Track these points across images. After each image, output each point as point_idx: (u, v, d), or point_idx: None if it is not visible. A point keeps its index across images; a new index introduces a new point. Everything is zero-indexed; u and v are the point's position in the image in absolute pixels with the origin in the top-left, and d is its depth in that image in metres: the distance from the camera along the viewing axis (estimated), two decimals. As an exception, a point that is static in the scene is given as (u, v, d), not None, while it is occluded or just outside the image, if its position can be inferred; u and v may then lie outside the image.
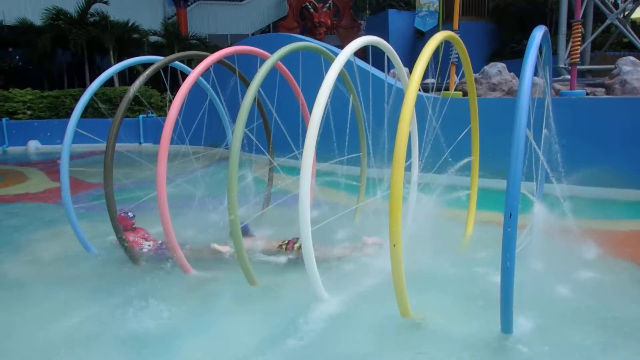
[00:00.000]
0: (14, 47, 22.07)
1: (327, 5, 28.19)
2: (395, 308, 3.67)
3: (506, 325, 3.38)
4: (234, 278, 4.61)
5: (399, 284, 3.52)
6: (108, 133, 4.86)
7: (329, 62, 4.83)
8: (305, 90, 5.99)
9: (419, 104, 3.46)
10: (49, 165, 13.69)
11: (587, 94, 9.42)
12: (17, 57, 22.27)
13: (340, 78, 4.90)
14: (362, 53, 5.41)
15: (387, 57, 4.81)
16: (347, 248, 5.21)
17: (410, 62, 4.94)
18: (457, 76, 10.08)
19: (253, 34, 29.19)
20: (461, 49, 4.75)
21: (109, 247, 5.77)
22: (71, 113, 5.46)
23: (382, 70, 6.59)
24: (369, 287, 4.39)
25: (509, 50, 19.82)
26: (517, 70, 4.87)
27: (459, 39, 4.54)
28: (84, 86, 21.84)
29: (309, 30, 27.50)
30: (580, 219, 5.26)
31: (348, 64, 4.27)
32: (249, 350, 3.62)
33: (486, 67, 10.43)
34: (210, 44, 24.95)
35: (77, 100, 17.38)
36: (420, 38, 21.90)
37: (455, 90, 9.87)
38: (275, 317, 4.06)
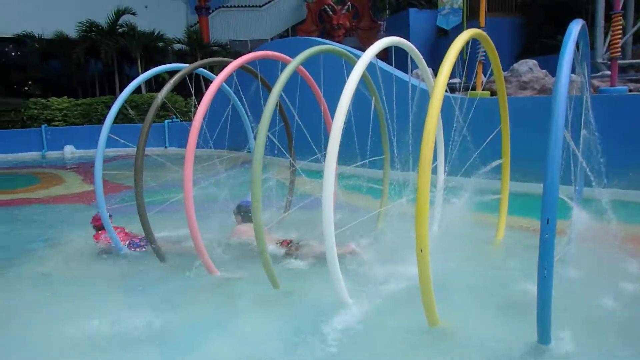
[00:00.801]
0: (51, 58, 22.21)
1: (346, 7, 27.34)
2: (421, 316, 3.37)
3: (543, 336, 3.04)
4: (258, 280, 4.42)
5: (427, 291, 3.23)
6: (137, 138, 4.88)
7: (350, 65, 4.57)
8: (327, 93, 5.73)
9: (445, 105, 3.16)
10: (83, 168, 13.80)
11: (630, 90, 8.59)
12: (54, 67, 22.41)
13: (362, 80, 4.62)
14: (383, 54, 5.11)
15: (411, 57, 4.50)
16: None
17: (432, 62, 4.63)
18: (485, 75, 9.52)
19: (272, 39, 28.98)
20: (489, 47, 4.35)
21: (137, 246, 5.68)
22: (103, 119, 5.47)
23: (404, 71, 6.26)
24: (394, 293, 4.09)
25: (539, 46, 18.24)
26: (549, 67, 4.48)
27: (487, 36, 4.17)
28: (114, 94, 21.94)
29: (328, 33, 26.83)
30: (624, 225, 4.69)
31: (370, 66, 3.97)
32: (271, 353, 3.45)
33: (516, 65, 9.76)
34: (231, 50, 24.86)
35: (108, 107, 17.60)
36: (443, 36, 20.66)
37: (483, 89, 9.26)
38: (298, 321, 3.85)
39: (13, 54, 22.13)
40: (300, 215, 5.99)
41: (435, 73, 4.68)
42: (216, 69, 5.77)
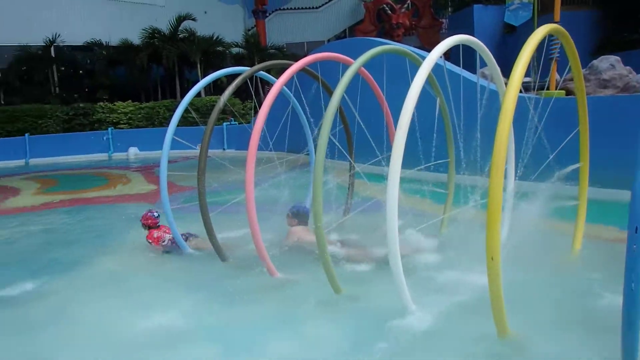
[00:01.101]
0: (117, 64, 23.19)
1: (406, 5, 26.89)
2: (490, 326, 3.20)
3: (629, 355, 2.82)
4: (318, 283, 4.38)
5: (497, 301, 3.07)
6: (197, 140, 4.95)
7: (414, 65, 4.45)
8: (388, 95, 5.63)
9: (518, 105, 2.99)
10: (146, 169, 14.32)
11: None
12: (120, 73, 23.39)
13: (426, 80, 4.49)
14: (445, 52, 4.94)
15: (480, 56, 4.32)
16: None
17: (498, 60, 4.44)
18: (561, 74, 8.96)
19: (329, 40, 29.02)
20: (567, 43, 4.04)
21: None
22: (165, 122, 5.64)
23: (467, 69, 6.03)
24: (461, 301, 3.94)
25: (620, 41, 17.17)
26: (632, 64, 4.17)
27: (565, 31, 3.91)
28: (174, 97, 22.63)
29: (387, 32, 26.47)
30: None
31: (434, 66, 3.83)
32: (330, 358, 3.41)
33: (595, 62, 9.04)
34: (287, 53, 25.08)
35: (169, 110, 18.18)
36: (511, 33, 19.94)
37: (557, 88, 8.69)
38: (359, 326, 3.79)
39: (83, 61, 23.23)
40: (360, 219, 5.90)
41: (504, 72, 4.50)
42: (272, 71, 5.82)
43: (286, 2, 30.53)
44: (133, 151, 18.69)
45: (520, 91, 3.10)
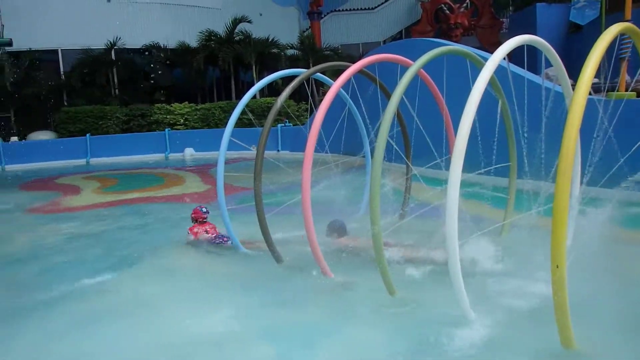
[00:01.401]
0: (174, 66, 23.90)
1: (465, 4, 26.39)
2: (553, 336, 3.11)
3: None
4: (373, 286, 4.37)
5: (562, 310, 2.99)
6: (252, 141, 5.00)
7: (475, 67, 4.40)
8: (448, 97, 5.57)
9: (586, 108, 2.90)
10: (202, 170, 14.69)
11: None
12: (177, 75, 24.09)
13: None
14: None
15: (545, 57, 4.21)
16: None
17: (562, 61, 4.31)
18: (632, 75, 8.58)
19: (385, 42, 28.88)
20: None
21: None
22: (220, 123, 5.76)
23: (528, 69, 5.88)
24: (522, 310, 3.85)
25: None
26: None
27: (639, 30, 3.75)
28: (230, 98, 23.10)
29: (444, 32, 25.95)
30: None
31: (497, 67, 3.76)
32: None
33: None
34: (342, 54, 25.11)
35: (225, 112, 18.49)
36: (576, 33, 18.96)
37: (628, 90, 8.28)
38: (416, 332, 3.75)
39: (141, 63, 24.07)
40: (417, 223, 5.86)
41: (569, 73, 4.37)
42: (328, 72, 5.85)
43: (341, 3, 30.61)
44: (189, 152, 19.14)
45: (590, 93, 3.01)
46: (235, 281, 5.19)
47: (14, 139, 19.72)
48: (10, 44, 16.25)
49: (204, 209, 6.49)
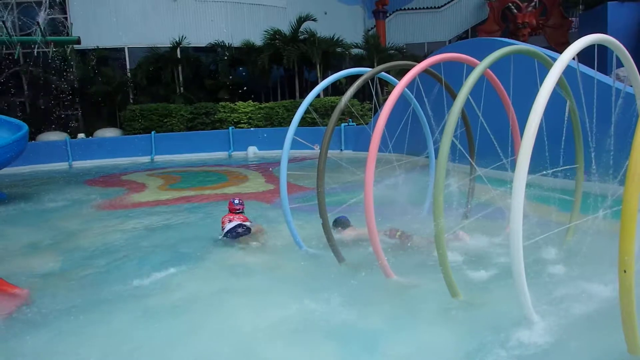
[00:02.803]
0: (239, 65, 24.46)
1: (533, 4, 25.80)
2: (619, 343, 3.12)
3: None
4: (435, 287, 4.43)
5: (629, 316, 2.99)
6: (316, 140, 5.07)
7: (543, 67, 4.41)
8: (514, 97, 5.56)
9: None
10: (265, 168, 15.02)
11: None
12: (241, 73, 24.59)
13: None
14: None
15: (616, 57, 4.17)
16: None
17: (635, 60, 4.25)
18: None
19: (450, 41, 28.52)
20: None
21: (317, 246, 6.06)
22: (283, 122, 5.89)
23: (598, 69, 5.76)
24: (588, 314, 3.82)
25: None
26: None
27: None
28: (293, 97, 23.44)
29: (512, 32, 25.45)
30: None
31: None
32: None
33: None
34: (407, 53, 24.97)
35: (288, 111, 18.73)
36: None
37: None
38: (477, 335, 3.77)
39: (206, 62, 24.76)
40: (480, 225, 5.86)
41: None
42: (392, 72, 5.88)
43: (407, 2, 30.46)
44: (252, 150, 19.48)
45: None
46: (297, 279, 5.28)
47: (81, 136, 20.57)
48: (78, 42, 17.06)
49: (237, 201, 6.96)
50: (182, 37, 23.25)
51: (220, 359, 3.80)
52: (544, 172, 5.37)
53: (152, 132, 20.10)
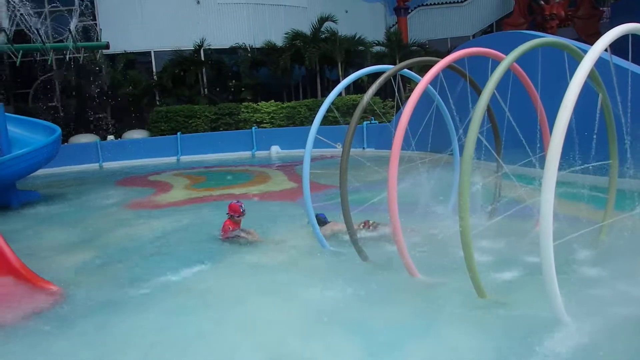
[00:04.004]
0: (261, 66, 24.59)
1: (561, -6, 25.21)
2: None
3: None
4: (461, 287, 4.34)
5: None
6: (338, 138, 5.04)
7: (573, 60, 4.24)
8: (542, 92, 5.39)
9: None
10: (287, 167, 15.08)
11: None
12: (263, 74, 24.73)
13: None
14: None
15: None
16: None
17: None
18: None
19: (474, 36, 28.13)
20: None
21: (340, 244, 6.08)
22: (305, 121, 5.86)
23: (633, 61, 5.55)
24: (622, 316, 3.69)
25: None
26: None
27: None
28: (315, 97, 23.43)
29: (539, 24, 24.78)
30: None
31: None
32: None
33: None
34: (430, 49, 24.72)
35: (310, 110, 18.65)
36: None
37: None
38: (506, 336, 3.68)
39: (229, 63, 24.95)
40: (508, 223, 5.71)
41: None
42: (414, 68, 5.77)
43: (429, -2, 30.20)
44: (275, 149, 19.60)
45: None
46: (321, 277, 5.27)
47: (110, 137, 21.08)
48: (107, 47, 17.47)
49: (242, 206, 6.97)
50: (202, 40, 23.46)
51: (243, 352, 3.82)
52: (576, 168, 5.19)
53: (178, 133, 20.45)
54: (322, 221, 6.54)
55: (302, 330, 4.07)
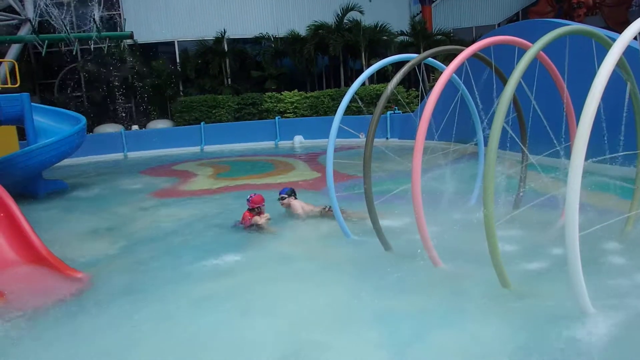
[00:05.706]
0: (284, 56, 24.56)
1: (589, -18, 24.56)
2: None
3: None
4: (484, 277, 4.31)
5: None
6: (362, 128, 5.04)
7: (602, 48, 4.17)
8: (569, 80, 5.31)
9: None
10: (311, 157, 15.10)
11: None
12: (286, 64, 24.69)
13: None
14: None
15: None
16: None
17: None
18: None
19: (499, 24, 27.63)
20: None
21: (363, 233, 6.06)
22: (329, 111, 5.86)
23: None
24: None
25: None
26: None
27: None
28: (339, 86, 23.34)
29: (566, 13, 24.23)
30: None
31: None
32: (497, 356, 3.37)
33: None
34: (455, 38, 24.39)
35: (333, 100, 18.60)
36: None
37: None
38: (529, 327, 3.66)
39: (252, 53, 24.97)
40: (532, 214, 5.66)
41: None
42: (439, 57, 5.72)
43: (454, -14, 29.67)
44: (298, 139, 19.55)
45: None
46: (345, 267, 5.33)
47: (135, 127, 21.31)
48: (131, 37, 17.62)
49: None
50: (224, 31, 23.44)
51: (269, 341, 3.85)
52: (603, 157, 5.12)
53: (202, 123, 20.54)
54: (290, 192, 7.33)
55: (327, 320, 4.10)
